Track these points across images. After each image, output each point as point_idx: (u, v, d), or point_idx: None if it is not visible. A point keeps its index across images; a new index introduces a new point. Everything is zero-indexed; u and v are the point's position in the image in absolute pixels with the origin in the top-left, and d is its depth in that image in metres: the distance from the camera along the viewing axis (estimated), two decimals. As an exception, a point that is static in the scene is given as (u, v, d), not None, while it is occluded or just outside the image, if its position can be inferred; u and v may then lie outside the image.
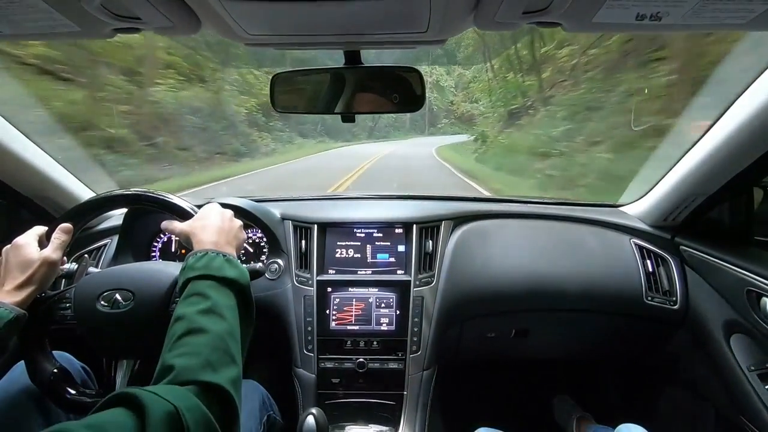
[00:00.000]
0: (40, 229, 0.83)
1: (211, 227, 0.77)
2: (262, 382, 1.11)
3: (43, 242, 0.82)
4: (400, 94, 0.89)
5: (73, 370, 0.87)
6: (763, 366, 1.04)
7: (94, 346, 0.82)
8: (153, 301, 0.78)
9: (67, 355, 0.90)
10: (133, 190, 0.89)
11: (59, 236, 0.82)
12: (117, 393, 0.48)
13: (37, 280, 0.77)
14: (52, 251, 0.80)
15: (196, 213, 0.85)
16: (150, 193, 0.88)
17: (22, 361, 0.82)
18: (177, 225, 0.81)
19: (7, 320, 0.70)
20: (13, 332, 0.72)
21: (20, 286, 0.75)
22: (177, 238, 1.36)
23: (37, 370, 0.79)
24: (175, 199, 0.87)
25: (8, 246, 0.80)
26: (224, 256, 0.71)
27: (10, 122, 1.07)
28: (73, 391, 0.80)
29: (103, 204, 0.89)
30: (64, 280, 0.93)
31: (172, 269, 0.83)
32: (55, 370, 0.80)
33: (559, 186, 6.62)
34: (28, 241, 0.79)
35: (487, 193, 6.49)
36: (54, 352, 0.84)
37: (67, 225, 0.83)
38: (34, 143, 1.14)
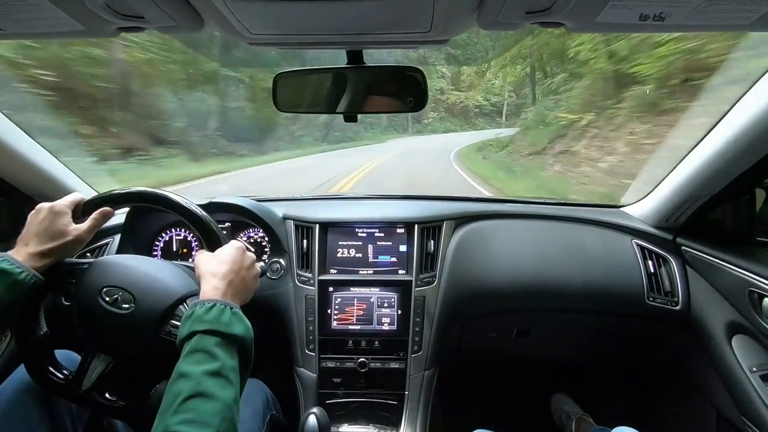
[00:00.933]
0: (78, 197, 0.83)
1: (224, 276, 0.74)
2: (265, 383, 1.11)
3: (77, 212, 0.82)
4: (403, 93, 0.89)
5: (66, 358, 0.87)
6: (765, 367, 1.03)
7: (82, 331, 0.81)
8: (151, 314, 0.77)
9: (71, 352, 0.90)
10: (174, 197, 0.86)
11: (98, 218, 0.83)
12: None
13: (63, 253, 0.78)
14: (86, 230, 0.80)
15: (224, 242, 0.82)
16: (191, 207, 0.84)
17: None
18: (197, 258, 0.79)
19: (28, 285, 0.72)
20: (28, 297, 0.73)
21: (45, 254, 0.76)
22: (179, 238, 1.38)
23: (26, 331, 0.79)
24: (211, 222, 0.84)
25: (47, 206, 0.80)
26: (232, 308, 0.68)
27: (13, 122, 1.07)
28: (49, 367, 0.81)
29: (142, 199, 0.87)
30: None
31: (176, 283, 0.82)
32: (41, 334, 0.80)
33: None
34: (65, 209, 0.80)
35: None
36: (57, 351, 0.84)
37: (109, 209, 0.84)
38: (37, 143, 1.15)
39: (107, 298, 0.78)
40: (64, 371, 0.82)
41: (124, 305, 0.77)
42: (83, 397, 0.80)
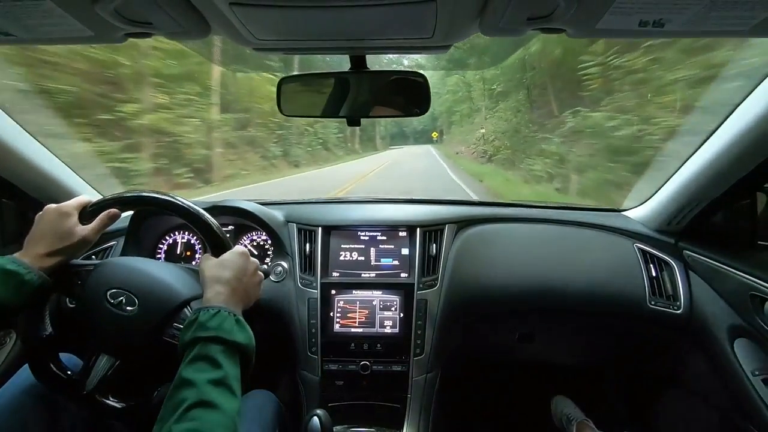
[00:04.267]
0: (84, 200, 0.84)
1: (228, 282, 0.74)
2: (267, 386, 1.11)
3: (84, 214, 0.83)
4: (405, 98, 0.90)
5: (73, 366, 0.87)
6: (767, 371, 1.03)
7: (88, 333, 0.82)
8: (154, 316, 0.78)
9: (74, 356, 0.91)
10: (181, 201, 0.86)
11: (104, 220, 0.83)
12: None
13: (69, 254, 0.78)
14: (93, 232, 0.81)
15: (229, 247, 0.82)
16: (197, 211, 0.85)
17: (27, 365, 0.83)
18: (202, 264, 0.79)
19: (36, 286, 0.72)
20: (35, 298, 0.73)
21: (52, 254, 0.76)
22: (183, 241, 1.38)
23: (31, 330, 0.79)
24: (215, 227, 0.84)
25: (53, 207, 0.80)
26: (235, 316, 0.69)
27: (19, 124, 1.09)
28: (53, 366, 0.81)
29: (149, 203, 0.87)
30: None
31: (179, 285, 0.83)
32: (46, 334, 0.80)
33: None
34: (71, 211, 0.80)
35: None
36: (62, 354, 0.85)
37: (115, 211, 0.84)
38: (43, 145, 1.16)
39: (112, 300, 0.78)
40: (68, 372, 0.82)
41: (128, 307, 0.78)
42: (86, 399, 0.80)
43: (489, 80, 15.26)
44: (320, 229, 1.31)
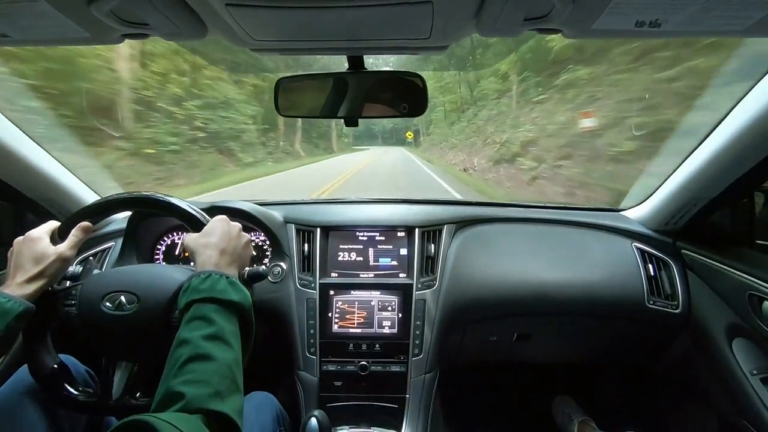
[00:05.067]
0: (53, 224, 0.84)
1: (215, 246, 0.76)
2: (266, 386, 1.11)
3: (55, 237, 0.83)
4: (403, 98, 0.90)
5: (77, 373, 0.88)
6: (765, 370, 1.04)
7: (95, 345, 0.82)
8: (157, 305, 0.79)
9: (72, 358, 0.91)
10: (144, 194, 0.88)
11: (77, 234, 0.83)
12: (132, 420, 0.49)
13: (48, 275, 0.77)
14: (67, 248, 0.80)
15: (206, 221, 0.83)
16: (161, 197, 0.87)
17: (24, 366, 0.82)
18: (186, 238, 0.81)
19: (16, 313, 0.71)
20: (21, 325, 0.72)
21: (31, 279, 0.76)
22: (181, 241, 1.38)
23: (38, 364, 0.79)
24: (184, 205, 0.86)
25: (21, 238, 0.80)
26: (227, 277, 0.70)
27: (15, 125, 1.08)
28: (71, 389, 0.80)
29: (115, 205, 0.89)
30: (68, 282, 0.93)
31: (177, 274, 0.83)
32: (56, 366, 0.80)
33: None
34: (41, 235, 0.80)
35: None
36: (60, 355, 0.84)
37: (87, 224, 0.84)
38: (39, 146, 1.15)
39: (109, 304, 0.79)
40: (89, 389, 0.82)
41: (128, 306, 0.78)
42: (115, 407, 0.80)
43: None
44: (319, 229, 1.31)
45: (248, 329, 0.70)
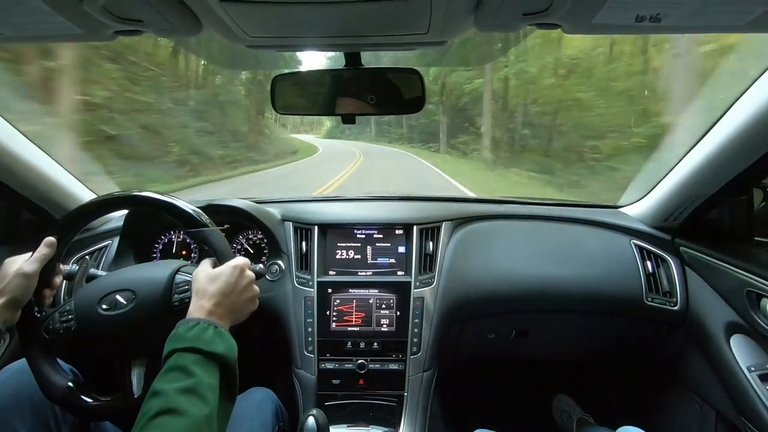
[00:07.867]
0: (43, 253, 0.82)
1: (214, 295, 0.73)
2: (264, 384, 1.10)
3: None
4: (401, 94, 0.89)
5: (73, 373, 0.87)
6: (763, 367, 1.04)
7: (104, 350, 0.81)
8: (154, 295, 0.78)
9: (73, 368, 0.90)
10: (137, 193, 0.86)
11: (40, 249, 0.80)
12: None
13: (8, 291, 0.75)
14: (27, 263, 0.78)
15: (203, 220, 0.81)
16: (159, 196, 0.84)
17: (8, 366, 0.82)
18: (196, 274, 0.78)
19: None
20: None
21: None
22: (178, 240, 1.37)
23: (50, 386, 0.78)
24: (182, 204, 0.83)
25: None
26: (216, 328, 0.68)
27: (10, 123, 1.07)
28: (90, 400, 0.79)
29: (113, 204, 0.87)
30: (63, 290, 0.92)
31: (170, 264, 0.83)
32: (70, 384, 0.78)
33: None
34: (15, 258, 0.79)
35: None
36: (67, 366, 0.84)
37: (50, 239, 0.81)
38: (35, 144, 1.14)
39: (106, 306, 0.78)
40: (104, 398, 0.81)
41: (126, 302, 0.78)
42: (138, 404, 0.80)
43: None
44: (316, 227, 1.30)
45: (230, 382, 0.67)
